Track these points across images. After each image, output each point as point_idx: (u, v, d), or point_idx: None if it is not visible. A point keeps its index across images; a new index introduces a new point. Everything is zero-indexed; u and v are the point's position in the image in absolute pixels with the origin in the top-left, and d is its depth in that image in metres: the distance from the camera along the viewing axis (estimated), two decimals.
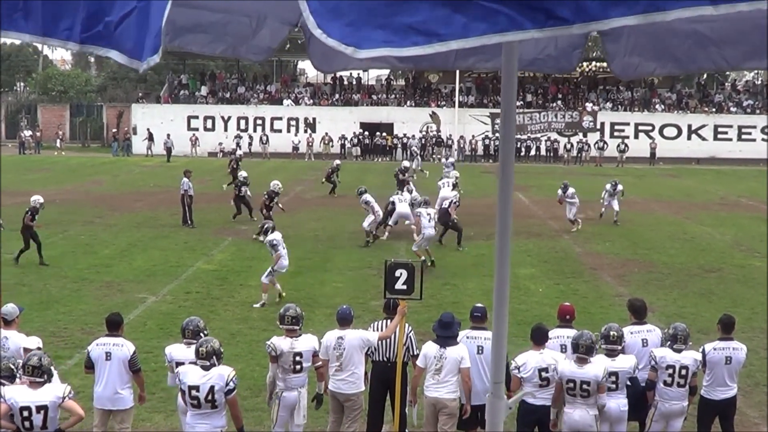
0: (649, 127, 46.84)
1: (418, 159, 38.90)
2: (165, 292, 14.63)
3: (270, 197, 19.62)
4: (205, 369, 6.70)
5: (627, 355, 7.60)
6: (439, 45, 1.95)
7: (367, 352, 8.08)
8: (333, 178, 28.30)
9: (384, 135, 46.62)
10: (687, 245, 19.93)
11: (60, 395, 6.43)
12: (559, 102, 48.82)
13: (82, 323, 12.42)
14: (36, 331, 11.19)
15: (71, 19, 2.40)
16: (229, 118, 47.89)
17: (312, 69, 69.21)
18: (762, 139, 46.12)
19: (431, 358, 7.62)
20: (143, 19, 2.21)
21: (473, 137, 46.81)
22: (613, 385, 7.33)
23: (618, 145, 44.85)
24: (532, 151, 45.63)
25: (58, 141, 48.30)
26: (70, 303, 13.70)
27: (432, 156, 45.08)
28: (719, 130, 46.90)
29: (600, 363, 7.24)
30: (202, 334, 7.41)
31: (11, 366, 6.58)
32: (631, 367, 7.46)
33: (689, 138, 47.01)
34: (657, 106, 48.39)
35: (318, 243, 19.25)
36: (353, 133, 46.99)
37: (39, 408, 6.33)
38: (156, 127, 46.52)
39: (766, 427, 8.90)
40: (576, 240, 20.39)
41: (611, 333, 7.49)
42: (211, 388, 6.65)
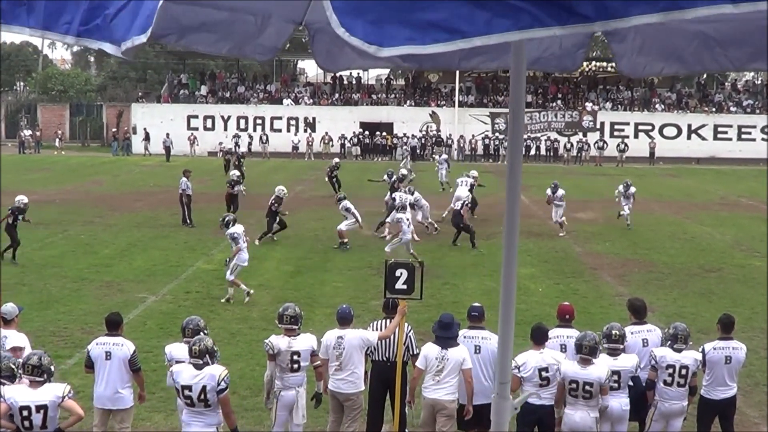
0: (649, 127, 46.86)
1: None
2: (165, 291, 14.64)
3: (278, 202, 19.32)
4: (198, 368, 6.70)
5: (629, 355, 7.58)
6: (462, 42, 1.93)
7: (367, 351, 8.07)
8: (335, 174, 28.20)
9: (384, 134, 46.63)
10: (687, 245, 19.93)
11: (60, 395, 6.43)
12: (559, 102, 48.82)
13: (82, 323, 12.42)
14: (36, 331, 11.26)
15: (72, 14, 2.42)
16: (229, 117, 47.88)
17: (312, 69, 69.23)
18: (762, 139, 46.14)
19: (432, 359, 7.58)
20: (137, 8, 2.22)
21: (473, 137, 46.82)
22: (615, 385, 7.32)
23: (618, 145, 44.86)
24: (532, 151, 45.58)
25: (57, 140, 48.26)
26: (70, 302, 13.70)
27: (432, 156, 45.05)
28: (719, 129, 46.92)
29: (603, 365, 7.22)
30: (202, 333, 7.39)
31: (12, 366, 6.57)
32: (633, 367, 7.45)
33: (689, 138, 47.03)
34: (657, 105, 48.39)
35: (318, 243, 19.25)
36: (353, 133, 46.99)
37: (39, 407, 6.33)
38: (156, 127, 46.52)
39: (766, 427, 8.89)
40: (576, 240, 20.39)
41: (613, 332, 7.49)
42: (203, 388, 6.65)
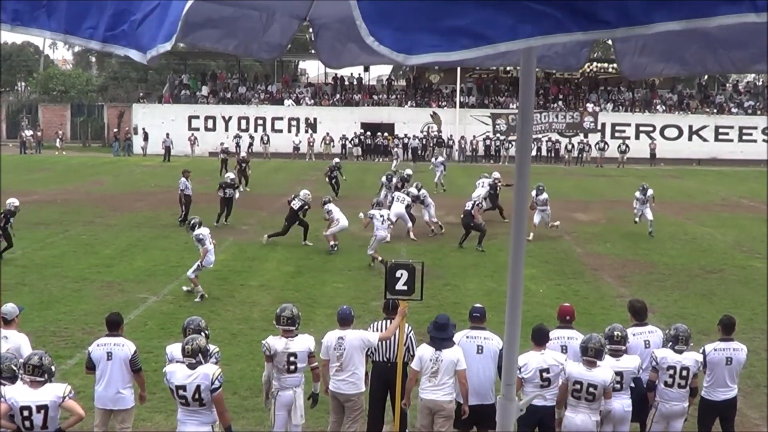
0: (650, 128, 46.84)
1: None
2: (166, 291, 14.64)
3: (305, 208, 18.86)
4: (191, 368, 6.70)
5: (631, 356, 7.58)
6: (488, 48, 1.92)
7: (368, 352, 8.08)
8: (335, 174, 28.18)
9: (385, 135, 46.64)
10: (688, 246, 19.93)
11: (60, 395, 6.43)
12: (560, 103, 48.83)
13: (82, 323, 12.43)
14: (36, 331, 11.27)
15: (96, 18, 2.35)
16: (230, 118, 47.90)
17: (313, 69, 69.36)
18: (763, 140, 46.11)
19: (427, 361, 7.59)
20: (163, 14, 2.17)
21: (474, 138, 46.80)
22: (618, 386, 7.32)
23: (619, 146, 44.82)
24: (533, 152, 45.44)
25: (58, 141, 48.27)
26: (70, 303, 13.71)
27: (433, 156, 45.04)
28: (720, 131, 46.91)
29: (608, 368, 7.20)
30: (203, 333, 7.41)
31: (12, 366, 6.57)
32: (636, 368, 7.45)
33: (690, 139, 47.02)
34: (658, 106, 48.39)
35: (319, 243, 19.23)
36: (354, 133, 46.99)
37: (39, 407, 6.33)
38: (157, 127, 46.51)
39: (766, 428, 8.89)
40: (577, 241, 20.39)
41: (615, 333, 7.48)
42: (197, 387, 6.66)
